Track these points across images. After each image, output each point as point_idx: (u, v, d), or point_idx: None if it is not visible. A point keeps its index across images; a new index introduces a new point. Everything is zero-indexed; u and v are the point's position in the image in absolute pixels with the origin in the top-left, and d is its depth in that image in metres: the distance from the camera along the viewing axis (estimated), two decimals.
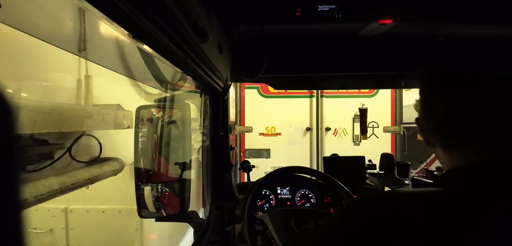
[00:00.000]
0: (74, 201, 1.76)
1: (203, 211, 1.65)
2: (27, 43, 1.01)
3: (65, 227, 1.78)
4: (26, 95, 1.06)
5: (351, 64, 1.38)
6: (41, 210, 1.73)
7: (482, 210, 0.37)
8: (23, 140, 0.94)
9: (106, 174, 1.37)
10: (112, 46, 1.28)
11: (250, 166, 1.51)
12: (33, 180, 0.95)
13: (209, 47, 0.81)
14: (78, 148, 1.24)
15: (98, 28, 1.19)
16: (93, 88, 1.39)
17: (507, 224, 0.35)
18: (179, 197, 1.14)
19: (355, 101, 3.33)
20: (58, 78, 1.29)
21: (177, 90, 1.36)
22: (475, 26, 1.12)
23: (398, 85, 2.19)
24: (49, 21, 1.02)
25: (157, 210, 1.12)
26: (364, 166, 1.59)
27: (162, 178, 1.20)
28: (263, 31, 1.05)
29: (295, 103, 3.45)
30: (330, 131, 3.41)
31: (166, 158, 1.19)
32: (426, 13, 1.01)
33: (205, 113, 1.29)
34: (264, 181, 1.19)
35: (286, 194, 1.34)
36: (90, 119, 1.20)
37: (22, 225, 0.22)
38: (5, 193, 0.21)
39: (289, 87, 2.30)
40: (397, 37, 1.25)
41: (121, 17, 0.43)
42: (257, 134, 3.44)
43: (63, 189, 1.06)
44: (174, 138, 1.23)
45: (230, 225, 1.17)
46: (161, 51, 0.60)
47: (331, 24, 1.06)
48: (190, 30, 0.63)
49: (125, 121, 1.43)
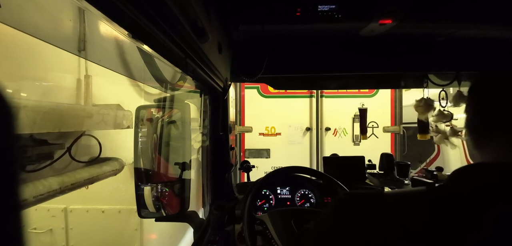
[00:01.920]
0: (74, 201, 1.76)
1: (203, 211, 1.65)
2: (27, 43, 1.01)
3: (64, 227, 1.77)
4: (25, 95, 1.06)
5: (351, 64, 1.38)
6: (41, 210, 1.73)
7: (482, 210, 0.37)
8: (23, 140, 0.94)
9: (106, 174, 1.36)
10: (112, 46, 1.28)
11: (250, 166, 1.51)
12: (33, 180, 0.94)
13: (209, 47, 0.81)
14: (77, 148, 1.24)
15: (97, 28, 1.19)
16: (93, 88, 1.39)
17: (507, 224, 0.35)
18: (179, 197, 1.13)
19: (355, 101, 3.33)
20: (57, 78, 1.29)
21: (177, 90, 1.36)
22: (475, 26, 1.12)
23: (398, 85, 2.19)
24: (49, 21, 1.02)
25: (157, 210, 1.12)
26: (364, 166, 1.59)
27: (162, 178, 1.19)
28: (263, 31, 1.05)
29: (295, 103, 3.45)
30: (330, 131, 3.41)
31: (166, 158, 1.19)
32: (426, 13, 1.01)
33: (205, 113, 1.29)
34: (264, 181, 1.19)
35: (286, 194, 1.34)
36: (89, 119, 1.20)
37: (22, 225, 0.22)
38: (5, 193, 0.21)
39: (289, 87, 2.30)
40: (397, 37, 1.25)
41: (121, 17, 0.43)
42: (257, 134, 3.44)
43: (63, 189, 1.06)
44: (174, 138, 1.23)
45: (230, 225, 1.17)
46: (161, 51, 0.60)
47: (331, 24, 1.06)
48: (190, 30, 0.63)
49: (125, 121, 1.43)
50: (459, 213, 0.38)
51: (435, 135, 1.58)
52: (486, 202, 0.37)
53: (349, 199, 0.48)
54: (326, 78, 1.58)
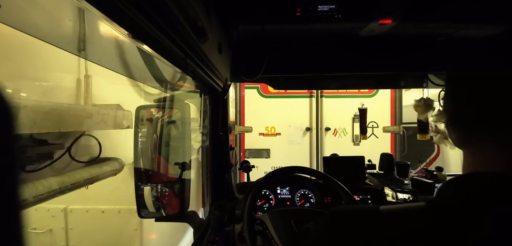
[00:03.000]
0: (74, 201, 1.76)
1: (203, 211, 1.65)
2: (27, 43, 1.01)
3: (64, 227, 1.77)
4: (25, 95, 1.06)
5: (351, 64, 1.38)
6: (41, 210, 1.73)
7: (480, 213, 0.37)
8: (23, 140, 0.94)
9: (106, 174, 1.36)
10: (111, 46, 1.28)
11: (249, 166, 1.51)
12: (33, 180, 0.94)
13: (208, 47, 0.81)
14: (77, 148, 1.24)
15: (97, 28, 1.19)
16: (93, 88, 1.39)
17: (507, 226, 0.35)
18: (178, 197, 1.13)
19: (354, 101, 3.32)
20: (57, 78, 1.29)
21: (177, 90, 1.35)
22: (475, 26, 1.12)
23: (398, 85, 2.18)
24: (48, 21, 1.02)
25: (156, 210, 1.12)
26: (363, 166, 1.59)
27: (161, 178, 1.19)
28: (262, 31, 1.05)
29: (295, 103, 3.45)
30: (330, 131, 3.41)
31: (165, 158, 1.19)
32: (426, 13, 1.01)
33: (205, 113, 1.29)
34: (263, 181, 1.19)
35: (286, 194, 1.34)
36: (89, 119, 1.20)
37: (22, 225, 0.22)
38: (5, 193, 0.21)
39: (289, 87, 2.29)
40: (397, 37, 1.25)
41: (121, 17, 0.43)
42: (256, 134, 3.44)
43: (63, 189, 1.06)
44: (173, 138, 1.23)
45: (230, 225, 1.17)
46: (160, 51, 0.60)
47: (331, 24, 1.06)
48: (190, 30, 0.63)
49: (125, 121, 1.43)
50: (460, 221, 0.38)
51: (435, 134, 1.58)
52: (486, 204, 0.37)
53: (343, 212, 0.47)
54: (326, 78, 1.58)
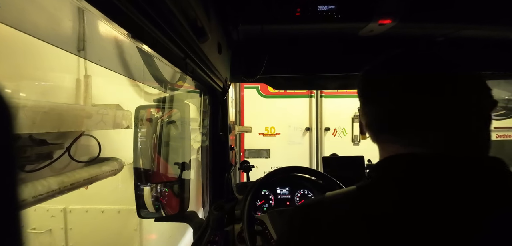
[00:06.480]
0: (73, 201, 1.76)
1: (202, 211, 1.65)
2: (26, 43, 1.01)
3: (64, 228, 1.77)
4: (25, 95, 1.06)
5: (351, 64, 1.38)
6: (40, 210, 1.73)
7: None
8: (22, 140, 0.94)
9: (105, 174, 1.36)
10: (111, 46, 1.28)
11: (249, 166, 1.50)
12: (32, 180, 0.94)
13: (208, 47, 0.81)
14: (77, 148, 1.24)
15: (97, 28, 1.19)
16: (92, 88, 1.39)
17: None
18: (178, 197, 1.13)
19: (354, 102, 3.27)
20: (57, 78, 1.29)
21: (176, 90, 1.36)
22: (475, 26, 1.12)
23: None
24: (48, 21, 1.02)
25: (156, 210, 1.12)
26: (363, 166, 1.59)
27: (161, 178, 1.19)
28: (262, 31, 1.05)
29: (295, 104, 3.45)
30: (330, 131, 3.41)
31: (165, 158, 1.19)
32: (426, 13, 1.01)
33: (205, 113, 1.29)
34: (263, 181, 1.19)
35: (286, 194, 1.34)
36: (89, 119, 1.20)
37: (21, 225, 0.22)
38: (4, 193, 0.21)
39: (289, 87, 2.30)
40: (397, 37, 1.25)
41: (120, 17, 0.43)
42: (256, 134, 3.44)
43: (62, 189, 1.06)
44: (173, 138, 1.23)
45: (229, 225, 1.16)
46: (160, 51, 0.59)
47: (331, 24, 1.06)
48: (189, 30, 0.63)
49: (124, 121, 1.43)
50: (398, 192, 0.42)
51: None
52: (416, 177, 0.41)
53: (300, 208, 0.53)
54: (325, 78, 1.58)
